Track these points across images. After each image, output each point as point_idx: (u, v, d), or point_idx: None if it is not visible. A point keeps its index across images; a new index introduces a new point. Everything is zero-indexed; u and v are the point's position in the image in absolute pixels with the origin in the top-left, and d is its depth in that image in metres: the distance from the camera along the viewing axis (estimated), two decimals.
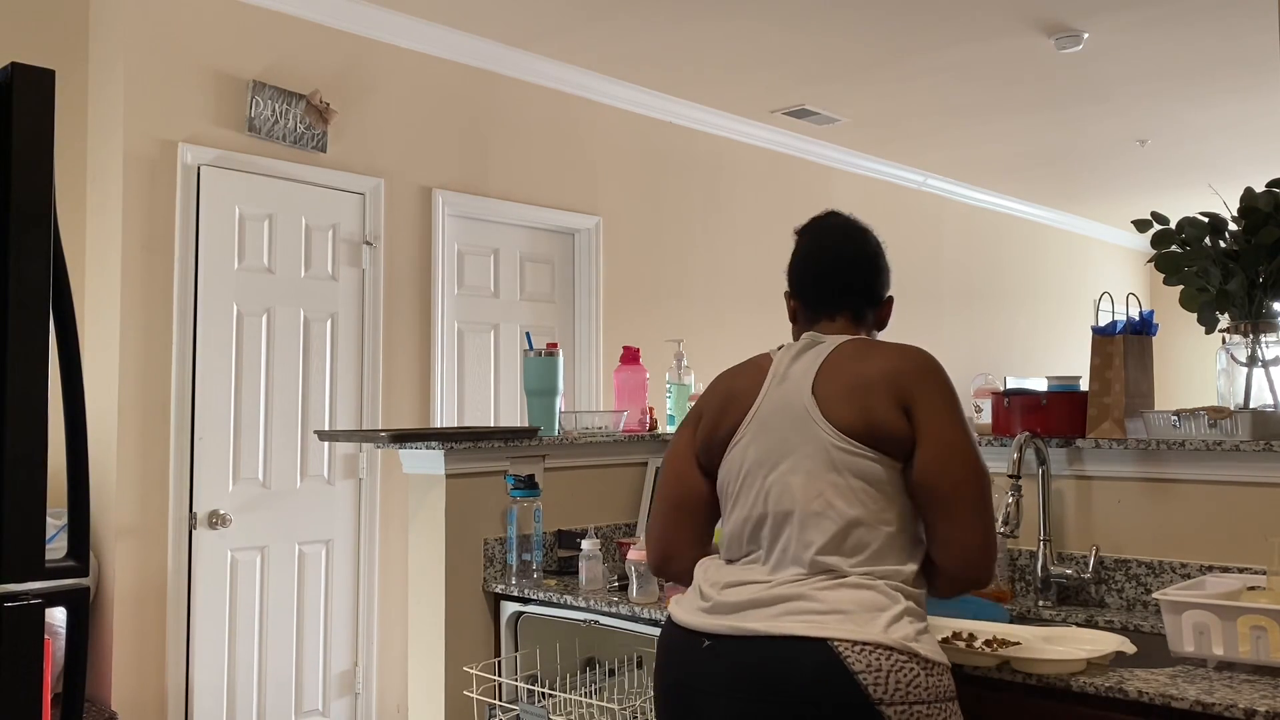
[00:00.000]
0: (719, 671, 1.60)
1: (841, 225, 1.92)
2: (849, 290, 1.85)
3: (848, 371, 1.69)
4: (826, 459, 1.64)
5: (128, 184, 3.55)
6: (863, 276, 1.86)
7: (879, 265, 1.89)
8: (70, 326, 1.16)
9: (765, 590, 1.62)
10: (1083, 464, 2.36)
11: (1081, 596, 2.33)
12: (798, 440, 1.67)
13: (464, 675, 2.52)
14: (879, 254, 1.90)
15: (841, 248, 1.88)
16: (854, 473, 1.63)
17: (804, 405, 1.68)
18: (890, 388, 1.66)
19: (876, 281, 1.88)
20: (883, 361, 1.70)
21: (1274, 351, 2.28)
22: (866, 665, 1.50)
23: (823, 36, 4.58)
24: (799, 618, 1.57)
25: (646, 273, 5.37)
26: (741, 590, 1.64)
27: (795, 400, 1.69)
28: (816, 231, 1.93)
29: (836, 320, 1.85)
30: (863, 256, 1.87)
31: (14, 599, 1.07)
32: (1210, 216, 2.33)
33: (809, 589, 1.59)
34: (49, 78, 1.14)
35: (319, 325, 4.03)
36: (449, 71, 4.50)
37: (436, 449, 2.57)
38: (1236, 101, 5.56)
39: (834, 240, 1.89)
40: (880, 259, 1.89)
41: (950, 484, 1.62)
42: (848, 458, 1.64)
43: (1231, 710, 1.54)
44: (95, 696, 3.42)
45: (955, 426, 1.65)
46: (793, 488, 1.65)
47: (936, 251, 7.41)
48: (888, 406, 1.65)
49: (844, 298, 1.85)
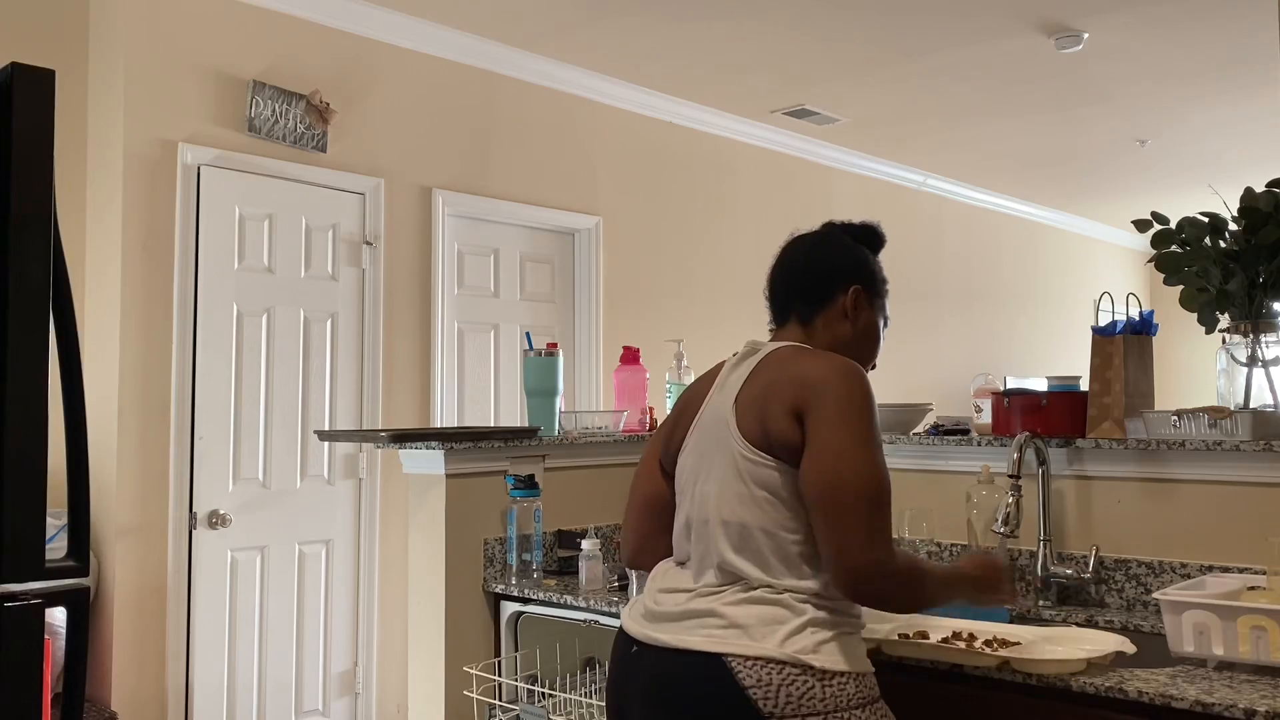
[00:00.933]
0: (638, 678, 1.67)
1: (798, 237, 1.94)
2: (790, 295, 1.87)
3: (762, 380, 1.70)
4: (734, 468, 1.66)
5: (128, 184, 3.55)
6: (800, 279, 1.86)
7: (822, 265, 1.86)
8: (70, 326, 1.16)
9: (685, 601, 1.66)
10: (1083, 464, 2.36)
11: (1081, 596, 2.32)
12: (716, 450, 1.70)
13: (464, 675, 2.52)
14: (822, 253, 1.87)
15: (789, 257, 1.92)
16: (757, 482, 1.64)
17: (725, 415, 1.70)
18: (789, 395, 1.64)
19: (816, 280, 1.85)
20: (794, 369, 1.68)
21: (1274, 351, 2.28)
22: (757, 680, 1.53)
23: (823, 36, 4.58)
24: (701, 632, 1.60)
25: (646, 273, 5.37)
26: (669, 599, 1.69)
27: (721, 409, 1.72)
28: (793, 238, 1.98)
29: (786, 327, 1.88)
30: (802, 260, 1.88)
31: (14, 599, 1.07)
32: (1210, 216, 2.33)
33: (718, 603, 1.62)
34: (49, 78, 1.14)
35: (319, 325, 4.03)
36: (449, 71, 4.50)
37: (436, 449, 2.57)
38: (1236, 101, 5.56)
39: (785, 252, 1.94)
40: (823, 258, 1.86)
41: (829, 493, 1.57)
42: (752, 467, 1.64)
43: (1231, 710, 1.54)
44: (95, 696, 3.42)
45: (843, 433, 1.59)
46: (710, 496, 1.69)
47: (936, 251, 7.41)
48: (781, 413, 1.63)
49: (788, 303, 1.88)
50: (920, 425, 2.81)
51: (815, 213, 6.41)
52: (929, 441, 2.58)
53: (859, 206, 6.75)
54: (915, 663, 1.86)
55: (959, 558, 1.97)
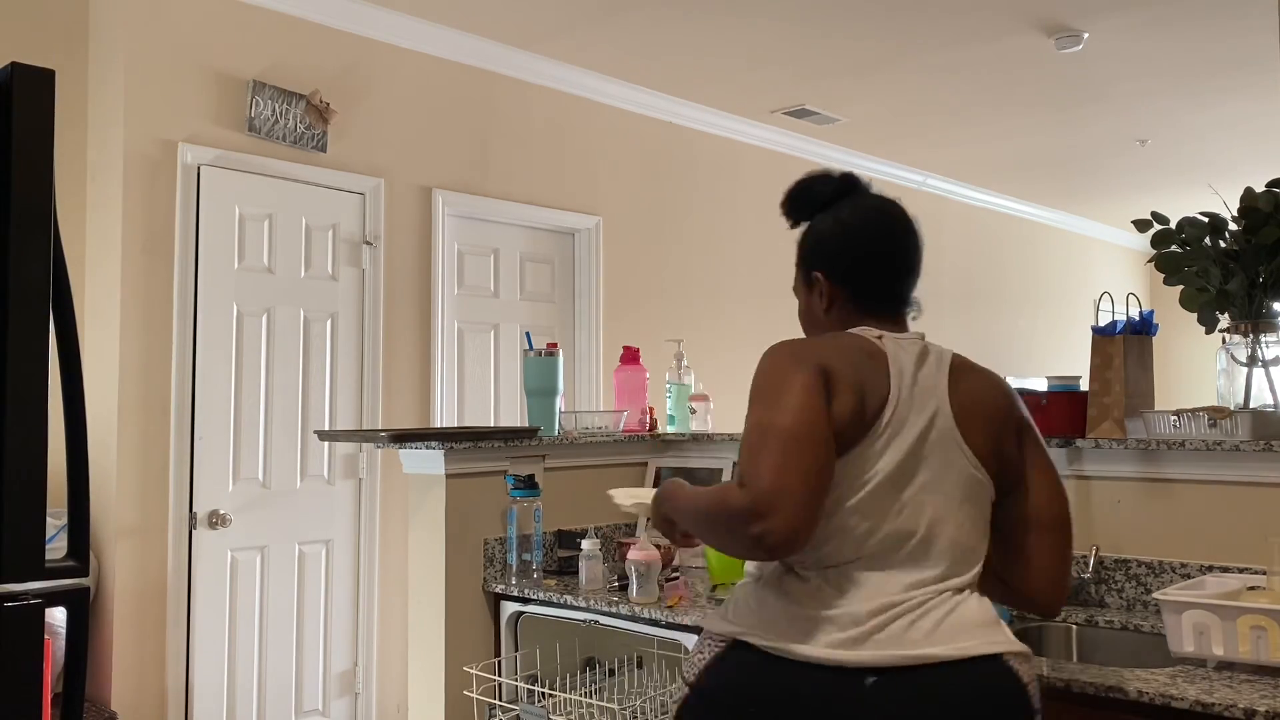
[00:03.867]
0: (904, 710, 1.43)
1: (900, 212, 1.69)
2: (909, 285, 1.68)
3: (971, 391, 1.59)
4: (970, 491, 1.54)
5: (128, 184, 3.55)
6: (917, 269, 1.69)
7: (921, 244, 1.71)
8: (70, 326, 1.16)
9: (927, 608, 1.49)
10: (1083, 464, 2.36)
11: (1081, 596, 2.32)
12: (940, 462, 1.52)
13: (464, 675, 2.52)
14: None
15: (912, 237, 1.67)
16: (982, 504, 1.57)
17: (949, 425, 1.54)
18: (1006, 413, 1.61)
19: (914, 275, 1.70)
20: (991, 380, 1.63)
21: (1274, 351, 2.28)
22: (1029, 677, 1.49)
23: (823, 36, 4.58)
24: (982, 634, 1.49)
25: (646, 273, 5.37)
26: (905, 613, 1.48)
27: (939, 416, 1.54)
28: (888, 217, 1.67)
29: (898, 319, 1.67)
30: (919, 245, 1.69)
31: (14, 599, 1.07)
32: (1210, 216, 2.33)
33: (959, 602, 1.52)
34: (49, 78, 1.14)
35: (319, 325, 4.03)
36: (449, 71, 4.50)
37: (436, 449, 2.57)
38: (1236, 101, 5.56)
39: (905, 227, 1.67)
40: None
41: (1065, 520, 1.61)
42: (980, 489, 1.56)
43: (1231, 710, 1.54)
44: (95, 696, 3.42)
45: (1049, 455, 1.65)
46: (939, 511, 1.51)
47: (936, 251, 7.41)
48: (1010, 433, 1.60)
49: (905, 293, 1.68)
50: None
51: None
52: None
53: None
54: None
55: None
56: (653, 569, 2.34)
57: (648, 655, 2.72)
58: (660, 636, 2.29)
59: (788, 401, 1.44)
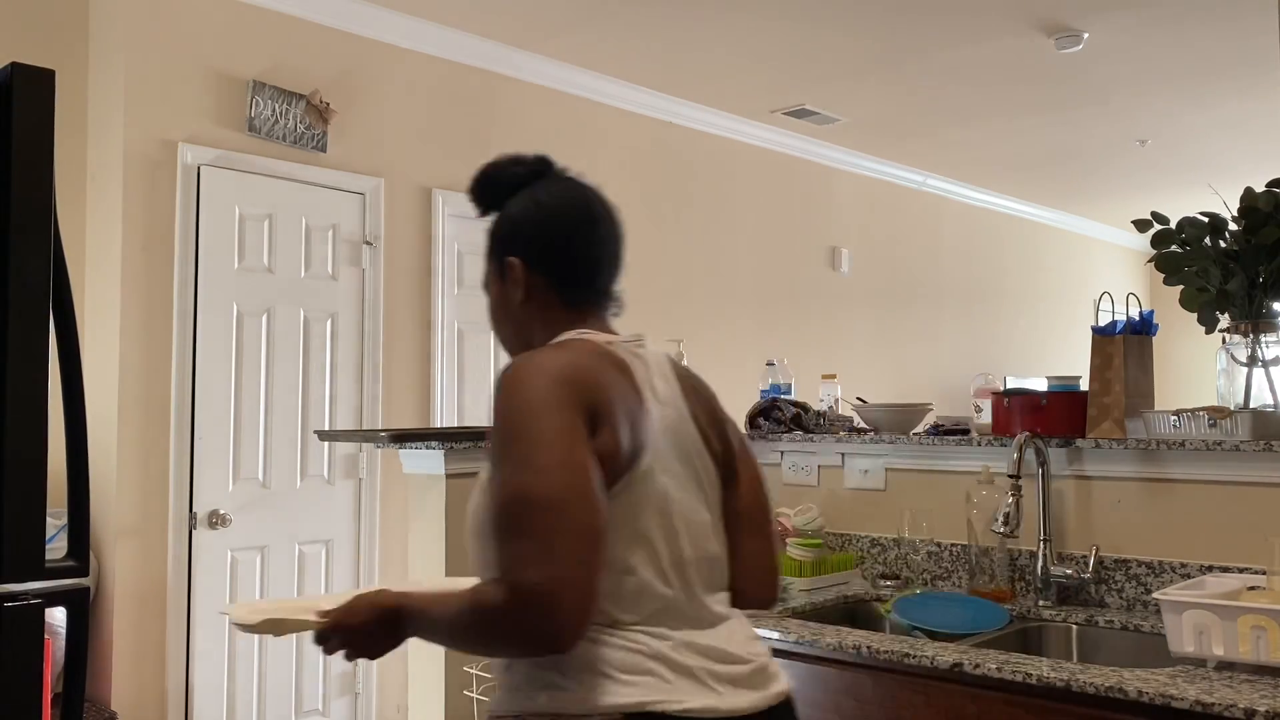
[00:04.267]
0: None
1: (605, 198, 1.54)
2: (615, 277, 1.52)
3: (697, 393, 1.48)
4: (714, 495, 1.43)
5: (128, 184, 3.55)
6: (620, 258, 1.52)
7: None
8: (70, 326, 1.16)
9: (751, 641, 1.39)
10: (1083, 464, 2.36)
11: (1081, 596, 2.33)
12: (689, 472, 1.38)
13: (464, 675, 2.52)
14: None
15: (617, 227, 1.51)
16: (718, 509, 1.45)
17: (691, 432, 1.41)
18: (722, 413, 1.51)
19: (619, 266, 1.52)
20: (699, 380, 1.52)
21: (1274, 351, 2.28)
22: None
23: (823, 36, 4.58)
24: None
25: (646, 273, 5.37)
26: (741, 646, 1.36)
27: (683, 425, 1.40)
28: (590, 198, 1.51)
29: (603, 316, 1.51)
30: (620, 230, 1.52)
31: (14, 599, 1.07)
32: (1210, 216, 2.33)
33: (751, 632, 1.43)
34: (49, 78, 1.14)
35: (319, 325, 4.03)
36: (449, 71, 4.50)
37: (436, 449, 2.57)
38: (1236, 101, 5.56)
39: (609, 213, 1.51)
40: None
41: (766, 508, 1.50)
42: (717, 494, 1.44)
43: (1231, 710, 1.54)
44: (95, 696, 3.42)
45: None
46: (706, 525, 1.39)
47: (936, 251, 7.41)
48: (733, 433, 1.50)
49: (610, 287, 1.52)
50: (920, 425, 2.81)
51: (815, 213, 6.42)
52: (929, 441, 2.58)
53: (859, 206, 6.75)
54: (916, 662, 1.86)
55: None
56: None
57: None
58: None
59: (543, 458, 1.19)
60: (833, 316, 6.50)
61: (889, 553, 2.65)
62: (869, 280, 6.81)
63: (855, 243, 6.69)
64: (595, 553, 1.19)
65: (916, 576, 2.53)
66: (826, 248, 6.49)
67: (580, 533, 1.18)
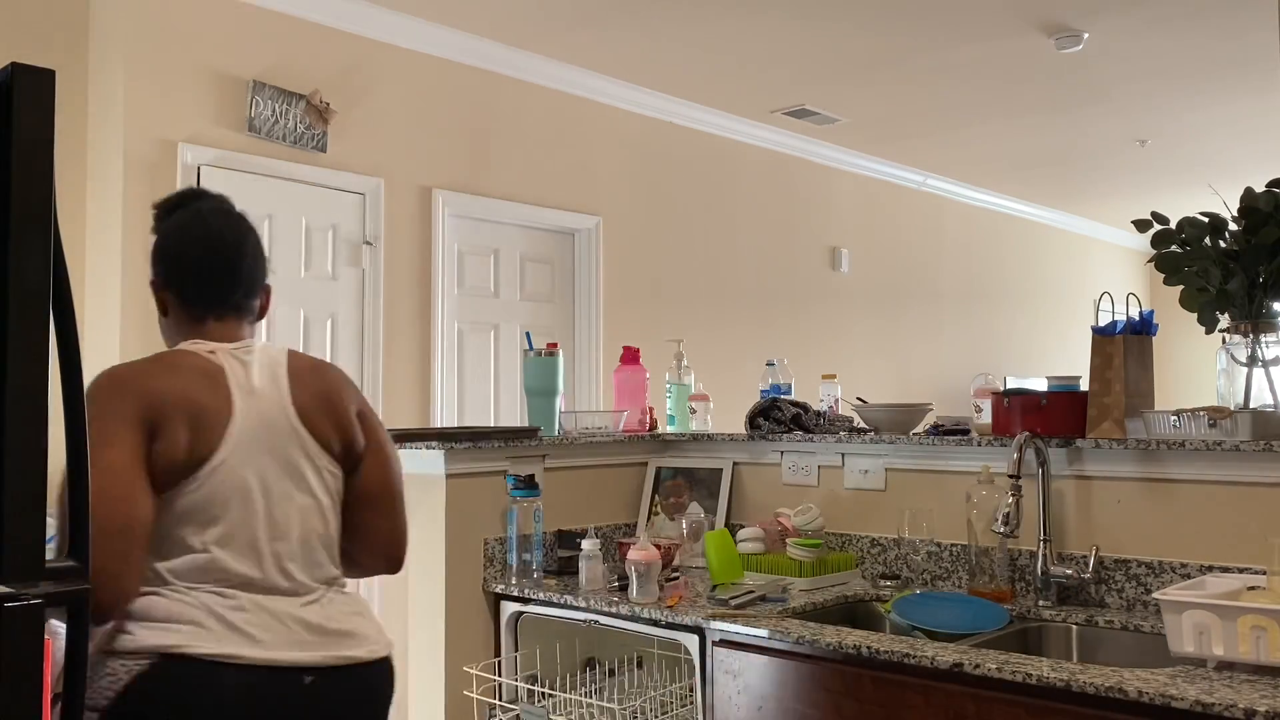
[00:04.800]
0: (330, 706, 1.59)
1: (223, 209, 1.75)
2: (237, 285, 1.71)
3: (312, 386, 1.67)
4: (321, 482, 1.65)
5: (128, 184, 3.55)
6: (247, 273, 1.72)
7: (257, 261, 1.75)
8: (70, 326, 1.16)
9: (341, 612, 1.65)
10: (1083, 464, 2.36)
11: (1081, 596, 2.33)
12: (282, 462, 1.60)
13: (464, 675, 2.52)
14: (257, 248, 1.76)
15: (232, 234, 1.72)
16: (334, 492, 1.68)
17: (291, 424, 1.62)
18: (351, 402, 1.71)
19: (254, 277, 1.75)
20: (331, 374, 1.74)
21: (1274, 351, 2.28)
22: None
23: (823, 36, 4.58)
24: (378, 637, 1.72)
25: (646, 273, 5.37)
26: (315, 611, 1.60)
27: (280, 418, 1.61)
28: (197, 214, 1.72)
29: (226, 321, 1.70)
30: (243, 250, 1.72)
31: (14, 599, 1.07)
32: (1210, 216, 2.33)
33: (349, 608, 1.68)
34: (49, 78, 1.13)
35: (319, 325, 4.02)
36: (449, 71, 4.50)
37: (436, 449, 2.57)
38: (1236, 101, 5.56)
39: (223, 225, 1.72)
40: (259, 253, 1.76)
41: (394, 488, 1.75)
42: (332, 479, 1.67)
43: (1231, 710, 1.54)
44: None
45: (385, 433, 1.76)
46: (298, 509, 1.61)
47: (936, 251, 7.41)
48: (351, 423, 1.69)
49: (231, 295, 1.71)
50: (920, 425, 2.81)
51: (815, 213, 6.42)
52: (929, 441, 2.58)
53: (859, 206, 6.75)
54: (916, 662, 1.86)
55: None
56: (653, 569, 2.34)
57: (648, 655, 2.72)
58: (660, 636, 2.29)
59: (97, 461, 1.34)
60: (833, 316, 6.50)
61: (889, 553, 2.65)
62: (869, 280, 6.81)
63: (855, 243, 6.69)
64: (127, 543, 1.44)
65: (916, 576, 2.53)
66: (826, 248, 6.49)
67: (108, 531, 1.40)
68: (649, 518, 3.02)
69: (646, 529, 2.94)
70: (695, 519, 2.81)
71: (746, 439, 2.92)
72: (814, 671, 2.01)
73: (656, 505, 3.03)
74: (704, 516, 2.85)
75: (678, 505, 2.97)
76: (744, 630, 2.11)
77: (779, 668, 2.05)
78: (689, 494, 2.99)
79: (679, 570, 2.63)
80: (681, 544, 2.73)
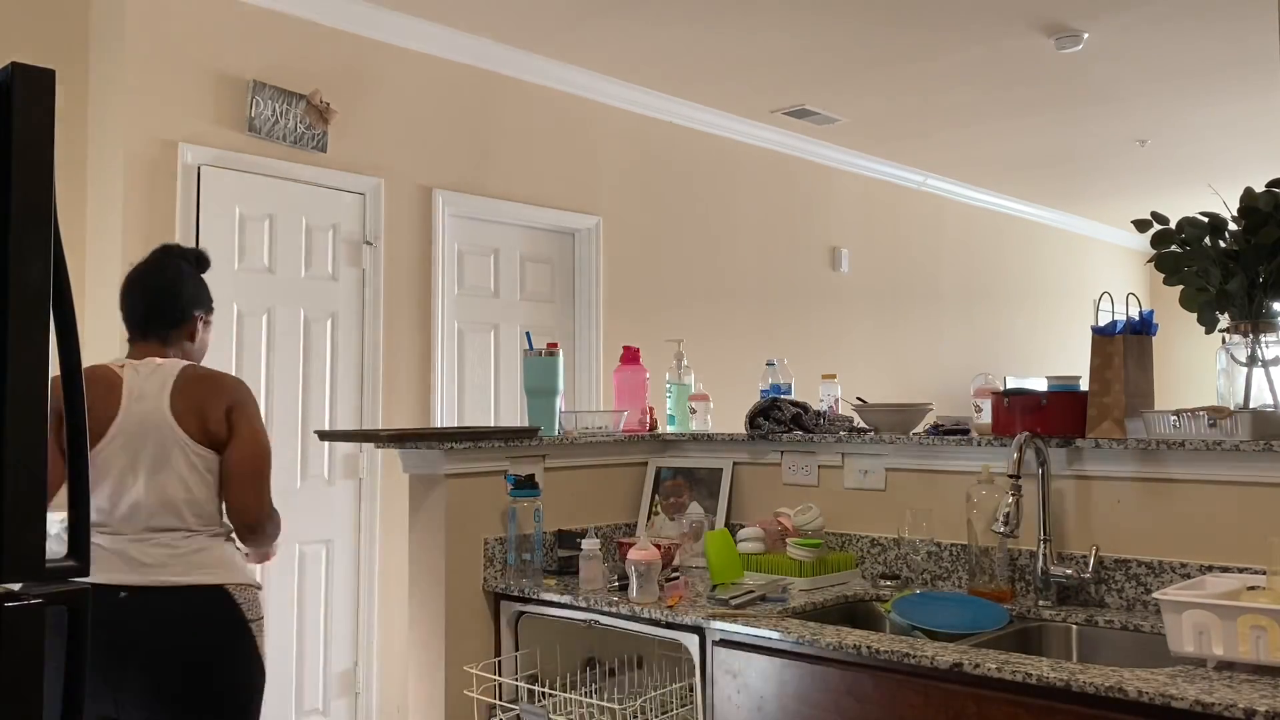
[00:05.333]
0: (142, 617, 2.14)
1: (154, 260, 2.40)
2: (150, 318, 2.33)
3: (191, 392, 2.24)
4: (185, 461, 2.21)
5: (128, 184, 3.55)
6: (162, 307, 2.33)
7: (175, 296, 2.35)
8: (70, 327, 1.16)
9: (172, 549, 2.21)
10: (1083, 464, 2.36)
11: (1081, 596, 2.33)
12: (153, 447, 2.19)
13: (464, 675, 2.52)
14: (176, 287, 2.36)
15: (147, 280, 2.35)
16: (206, 468, 2.24)
17: (164, 419, 2.20)
18: (222, 402, 2.26)
19: (172, 310, 2.34)
20: (215, 383, 2.29)
21: (1274, 351, 2.28)
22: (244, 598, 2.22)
23: (823, 36, 4.59)
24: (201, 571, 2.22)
25: (646, 273, 5.37)
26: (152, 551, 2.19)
27: (157, 415, 2.20)
28: (139, 266, 2.39)
29: (148, 342, 2.32)
30: (161, 289, 2.35)
31: (14, 599, 1.07)
32: (1210, 216, 2.33)
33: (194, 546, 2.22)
34: (49, 77, 1.13)
35: (319, 325, 4.03)
36: (449, 71, 4.50)
37: (436, 449, 2.57)
38: (1236, 101, 5.56)
39: (141, 274, 2.36)
40: (177, 291, 2.36)
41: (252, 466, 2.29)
42: (199, 459, 2.23)
43: (1231, 710, 1.54)
44: None
45: (258, 424, 2.32)
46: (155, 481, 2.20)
47: (936, 251, 7.41)
48: (220, 417, 2.25)
49: (148, 325, 2.33)
50: (920, 425, 2.81)
51: (815, 213, 6.42)
52: (929, 441, 2.58)
53: (859, 206, 6.75)
54: (916, 662, 1.86)
55: None
56: (653, 569, 2.34)
57: (648, 655, 2.72)
58: (660, 636, 2.29)
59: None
60: (833, 316, 6.50)
61: (889, 553, 2.65)
62: (869, 280, 6.81)
63: (855, 243, 6.70)
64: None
65: (916, 576, 2.53)
66: (826, 248, 6.49)
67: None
68: (649, 518, 3.02)
69: (646, 529, 2.94)
70: (695, 519, 2.81)
71: (746, 439, 2.92)
72: (814, 671, 2.01)
73: (656, 505, 3.03)
74: (704, 516, 2.85)
75: (678, 505, 2.97)
76: (744, 630, 2.11)
77: (779, 667, 2.05)
78: (689, 494, 2.99)
79: (679, 570, 2.64)
80: (681, 544, 2.73)
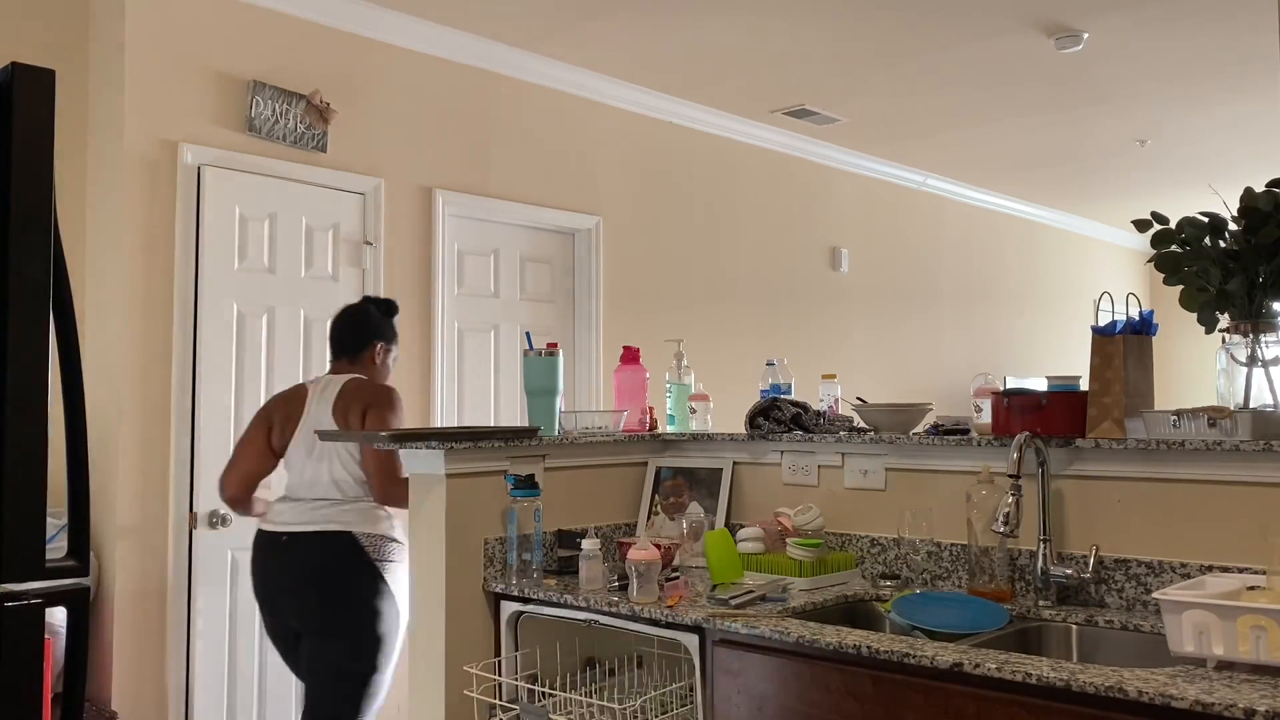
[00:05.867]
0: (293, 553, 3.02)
1: (353, 303, 3.33)
2: (342, 345, 3.24)
3: (346, 399, 3.08)
4: (345, 451, 3.05)
5: (128, 184, 3.55)
6: (348, 337, 3.24)
7: (359, 330, 3.24)
8: (70, 326, 1.16)
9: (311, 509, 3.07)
10: (1082, 464, 2.36)
11: (1081, 596, 2.33)
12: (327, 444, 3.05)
13: (464, 675, 2.52)
14: (361, 322, 3.25)
15: (343, 317, 3.28)
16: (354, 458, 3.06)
17: (327, 420, 3.06)
18: (360, 405, 3.07)
19: (356, 340, 3.23)
20: (365, 390, 3.12)
21: (1274, 351, 2.28)
22: (369, 542, 3.01)
23: (823, 36, 4.59)
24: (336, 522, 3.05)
25: (646, 273, 5.37)
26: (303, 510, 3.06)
27: (324, 417, 3.06)
28: (340, 310, 3.32)
29: (341, 361, 3.24)
30: (349, 324, 3.25)
31: (14, 599, 1.07)
32: (1210, 216, 2.33)
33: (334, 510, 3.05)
34: (49, 78, 1.14)
35: (319, 325, 4.02)
36: (449, 71, 4.50)
37: (436, 449, 2.57)
38: (1236, 101, 5.56)
39: (340, 312, 3.30)
40: (361, 325, 3.25)
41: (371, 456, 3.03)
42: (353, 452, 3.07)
43: (1231, 710, 1.54)
44: (95, 696, 3.42)
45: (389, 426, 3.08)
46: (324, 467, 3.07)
47: (936, 251, 7.41)
48: (357, 417, 3.05)
49: (340, 349, 3.25)
50: (920, 425, 2.81)
51: (815, 213, 6.42)
52: (929, 441, 2.58)
53: (859, 206, 6.75)
54: (916, 662, 1.86)
55: None
56: (653, 569, 2.34)
57: (648, 655, 2.72)
58: (660, 636, 2.29)
59: (243, 436, 3.22)
60: (833, 316, 6.50)
61: (889, 553, 2.65)
62: (869, 280, 6.81)
63: (855, 243, 6.70)
64: (234, 471, 3.18)
65: (916, 576, 2.53)
66: (826, 248, 6.49)
67: (230, 466, 3.19)
68: (649, 517, 3.02)
69: (646, 529, 2.94)
70: (695, 519, 2.81)
71: (746, 439, 2.92)
72: (814, 671, 2.01)
73: (656, 505, 3.03)
74: (704, 516, 2.85)
75: (678, 505, 2.97)
76: (744, 630, 2.11)
77: (779, 667, 2.05)
78: (689, 494, 2.99)
79: (679, 570, 2.64)
80: (681, 544, 2.73)
